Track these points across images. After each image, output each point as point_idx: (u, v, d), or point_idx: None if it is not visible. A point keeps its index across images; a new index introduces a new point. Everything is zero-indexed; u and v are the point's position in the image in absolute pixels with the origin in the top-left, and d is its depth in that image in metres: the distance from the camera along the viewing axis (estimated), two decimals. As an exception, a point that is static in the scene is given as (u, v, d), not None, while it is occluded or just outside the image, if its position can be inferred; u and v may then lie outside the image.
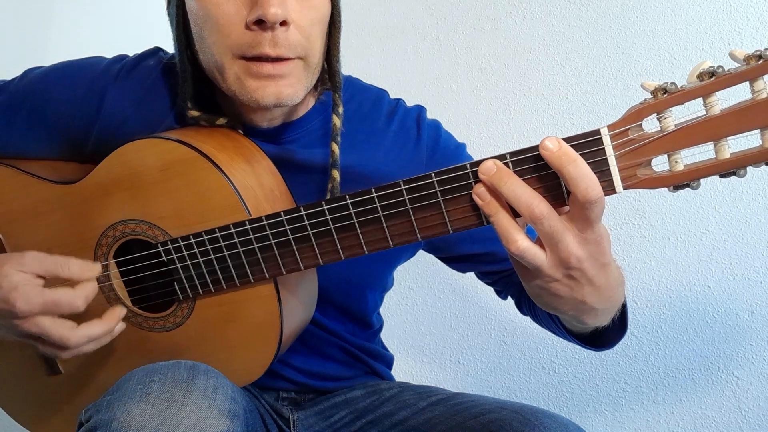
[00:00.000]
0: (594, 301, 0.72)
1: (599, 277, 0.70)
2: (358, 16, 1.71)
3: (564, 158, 0.65)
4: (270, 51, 0.81)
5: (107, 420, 0.71)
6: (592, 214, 0.65)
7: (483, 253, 1.03)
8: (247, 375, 0.89)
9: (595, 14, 1.55)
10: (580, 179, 0.64)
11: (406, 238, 0.75)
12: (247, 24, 0.80)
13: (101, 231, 0.89)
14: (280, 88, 0.83)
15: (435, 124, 1.04)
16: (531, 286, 0.73)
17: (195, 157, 0.83)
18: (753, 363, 1.51)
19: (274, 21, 0.78)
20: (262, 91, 0.83)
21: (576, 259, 0.67)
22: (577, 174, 0.64)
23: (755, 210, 1.48)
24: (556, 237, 0.66)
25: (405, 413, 0.98)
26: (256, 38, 0.80)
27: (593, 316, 0.76)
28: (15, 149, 0.97)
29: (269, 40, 0.80)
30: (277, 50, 0.81)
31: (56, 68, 0.97)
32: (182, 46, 0.89)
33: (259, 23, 0.79)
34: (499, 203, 0.68)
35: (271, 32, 0.80)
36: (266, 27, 0.79)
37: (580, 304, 0.72)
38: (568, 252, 0.67)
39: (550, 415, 0.85)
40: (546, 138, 0.66)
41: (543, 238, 0.67)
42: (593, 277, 0.69)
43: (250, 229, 0.80)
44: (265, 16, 0.78)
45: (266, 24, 0.79)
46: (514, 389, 1.69)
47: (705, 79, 0.63)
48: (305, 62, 0.85)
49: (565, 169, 0.65)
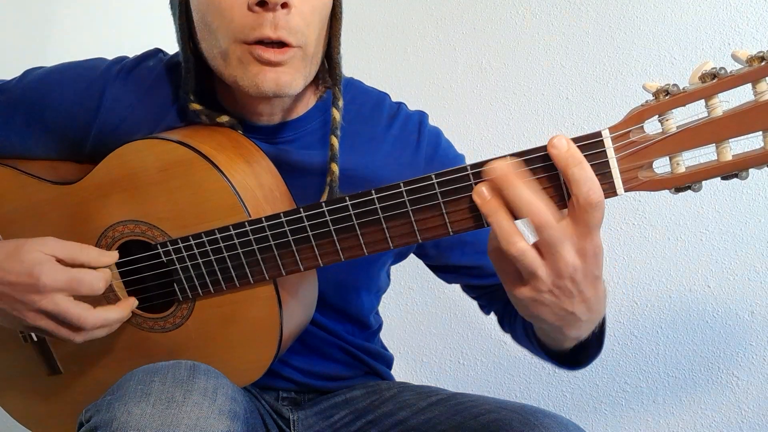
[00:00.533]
0: (581, 312, 0.72)
1: (590, 290, 0.70)
2: (359, 16, 1.71)
3: (571, 159, 0.65)
4: (271, 33, 0.81)
5: (107, 420, 0.71)
6: (593, 220, 0.65)
7: (471, 266, 1.04)
8: (247, 376, 0.88)
9: (595, 14, 1.55)
10: (583, 182, 0.64)
11: (406, 240, 0.75)
12: (249, 5, 0.81)
13: (100, 232, 0.88)
14: (279, 75, 0.84)
15: (436, 131, 1.04)
16: (520, 294, 0.72)
17: (194, 157, 0.83)
18: (753, 363, 1.51)
19: (276, 2, 0.79)
20: (263, 76, 0.83)
21: (572, 269, 0.67)
22: (582, 177, 0.64)
23: (755, 210, 1.48)
24: (556, 246, 0.66)
25: (405, 413, 0.98)
26: (257, 20, 0.81)
27: (577, 327, 0.76)
28: (14, 150, 0.97)
29: (270, 22, 0.81)
30: (278, 32, 0.81)
31: (56, 69, 0.97)
32: (185, 37, 0.90)
33: (261, 4, 0.80)
34: (499, 203, 0.68)
35: (272, 13, 0.81)
36: (268, 8, 0.80)
37: (567, 314, 0.72)
38: (565, 261, 0.66)
39: (550, 415, 0.85)
40: (555, 136, 0.66)
41: (542, 246, 0.67)
42: (585, 288, 0.69)
43: (250, 230, 0.80)
44: None
45: (268, 5, 0.80)
46: (514, 389, 1.69)
47: (707, 81, 0.63)
48: (303, 51, 0.85)
49: (571, 170, 0.65)
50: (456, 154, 1.04)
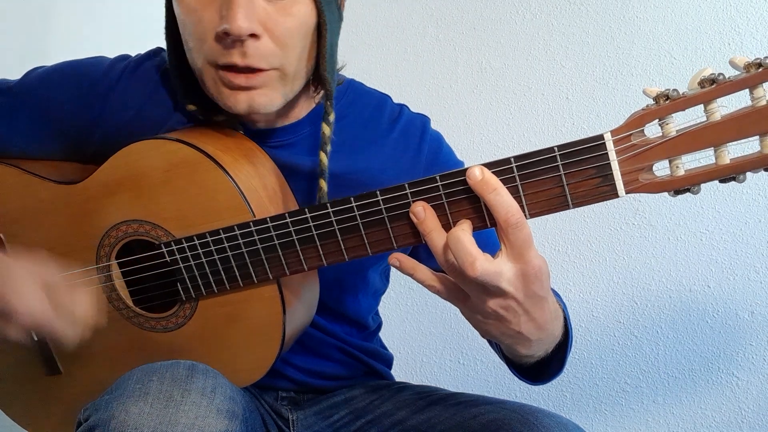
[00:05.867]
0: (528, 332, 0.75)
1: (536, 311, 0.73)
2: (359, 16, 1.71)
3: (486, 187, 0.69)
4: (239, 61, 0.80)
5: (105, 419, 0.72)
6: (518, 240, 0.68)
7: None
8: (249, 376, 0.89)
9: (595, 14, 1.55)
10: (500, 206, 0.68)
11: (410, 240, 0.76)
12: (217, 34, 0.80)
13: (104, 231, 0.89)
14: (253, 97, 0.83)
15: (438, 136, 1.03)
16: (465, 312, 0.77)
17: (199, 158, 0.83)
18: (753, 363, 1.51)
19: (239, 34, 0.78)
20: (234, 98, 0.83)
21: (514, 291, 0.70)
22: (497, 201, 0.69)
23: (755, 210, 1.48)
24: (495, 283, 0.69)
25: (404, 413, 0.98)
26: (226, 47, 0.80)
27: (526, 346, 0.79)
28: (18, 149, 0.97)
29: (239, 51, 0.80)
30: (246, 60, 0.80)
31: (58, 68, 0.97)
32: (171, 47, 0.90)
33: (226, 35, 0.79)
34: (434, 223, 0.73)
35: (240, 44, 0.80)
36: (234, 39, 0.79)
37: (515, 333, 0.75)
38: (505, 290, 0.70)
39: (549, 414, 0.85)
40: (469, 168, 0.70)
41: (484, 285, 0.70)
42: (530, 309, 0.73)
43: (254, 230, 0.81)
44: (231, 30, 0.77)
45: (232, 36, 0.79)
46: (514, 389, 1.69)
47: (706, 86, 0.64)
48: (281, 72, 0.84)
49: (487, 197, 0.69)
50: (457, 160, 1.04)
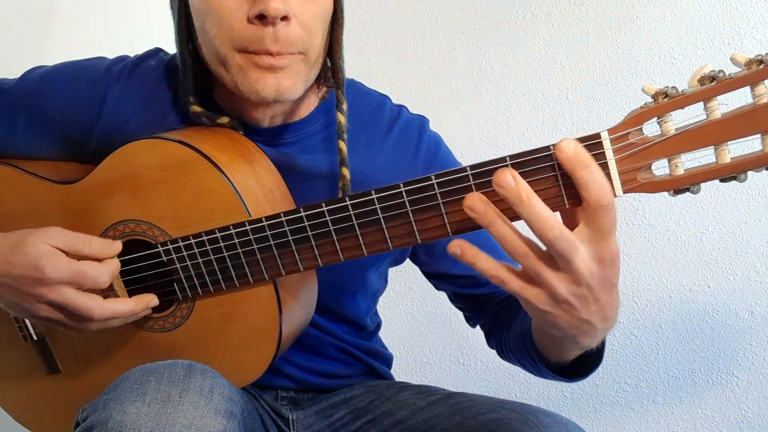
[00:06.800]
0: (596, 320, 0.70)
1: (605, 297, 0.68)
2: (359, 16, 1.71)
3: (579, 163, 0.63)
4: (271, 47, 0.81)
5: (103, 419, 0.71)
6: (605, 222, 0.64)
7: (462, 275, 1.02)
8: (246, 376, 0.88)
9: (595, 14, 1.55)
10: (593, 185, 0.63)
11: (406, 240, 0.75)
12: (249, 17, 0.80)
13: (101, 231, 0.89)
14: (280, 80, 0.83)
15: (436, 138, 1.03)
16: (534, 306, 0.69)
17: (196, 157, 0.83)
18: (753, 363, 1.51)
19: (275, 16, 0.79)
20: (263, 82, 0.83)
21: (588, 276, 0.65)
22: (590, 180, 0.63)
23: (755, 210, 1.48)
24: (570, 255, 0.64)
25: (404, 413, 0.97)
26: (257, 33, 0.81)
27: (591, 336, 0.73)
28: (16, 149, 0.97)
29: (271, 36, 0.81)
30: (278, 46, 0.81)
31: (57, 69, 0.97)
32: (183, 40, 0.90)
33: (261, 18, 0.80)
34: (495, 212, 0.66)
35: (272, 27, 0.80)
36: (267, 22, 0.80)
37: (582, 323, 0.70)
38: (581, 270, 0.65)
39: (549, 414, 0.84)
40: (563, 140, 0.64)
41: (556, 257, 0.65)
42: (601, 296, 0.67)
43: (250, 230, 0.80)
44: (267, 11, 0.78)
45: (267, 19, 0.79)
46: (514, 389, 1.69)
47: (706, 84, 0.63)
48: (305, 57, 0.85)
49: (579, 173, 0.63)
50: (455, 161, 1.04)
